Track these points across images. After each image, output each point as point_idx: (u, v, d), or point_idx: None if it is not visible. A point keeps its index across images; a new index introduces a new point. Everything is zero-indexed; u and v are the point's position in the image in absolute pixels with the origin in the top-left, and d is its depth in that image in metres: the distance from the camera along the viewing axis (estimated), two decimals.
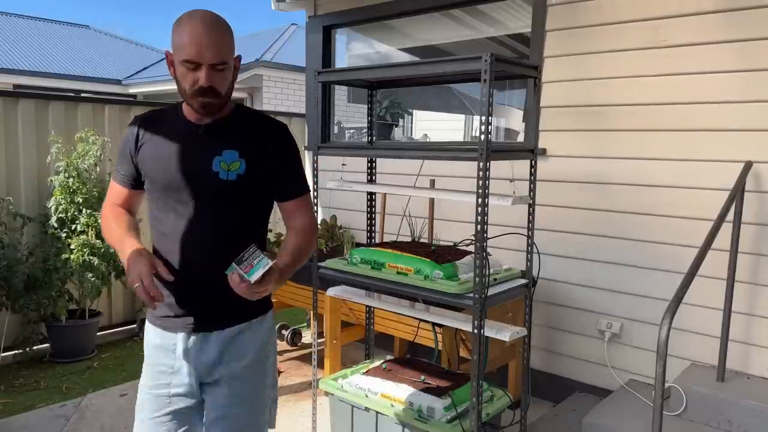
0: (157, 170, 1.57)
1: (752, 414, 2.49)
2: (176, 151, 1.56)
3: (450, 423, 2.28)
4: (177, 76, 1.49)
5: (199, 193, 1.54)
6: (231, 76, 1.52)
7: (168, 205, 1.57)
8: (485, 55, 2.02)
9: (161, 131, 1.59)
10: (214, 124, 1.57)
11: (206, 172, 1.52)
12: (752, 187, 2.71)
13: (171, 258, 1.56)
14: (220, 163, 1.52)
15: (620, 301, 3.16)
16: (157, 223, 1.60)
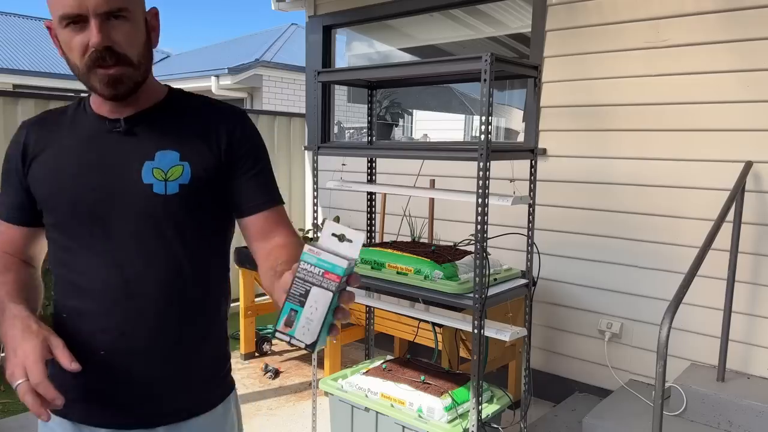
0: (59, 192, 1.07)
1: (753, 414, 2.49)
2: (85, 161, 1.07)
3: (450, 423, 2.28)
4: (63, 50, 1.04)
5: (125, 219, 1.05)
6: (142, 34, 1.05)
7: (78, 243, 1.06)
8: (485, 55, 2.02)
9: (61, 136, 1.11)
10: (140, 115, 1.10)
11: (133, 185, 1.05)
12: (752, 187, 2.71)
13: (85, 324, 1.06)
14: (153, 171, 1.05)
15: (620, 301, 3.16)
16: (63, 272, 1.09)
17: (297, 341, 0.79)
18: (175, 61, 13.56)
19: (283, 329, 0.80)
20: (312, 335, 0.79)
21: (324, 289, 0.78)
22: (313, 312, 0.79)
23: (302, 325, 0.79)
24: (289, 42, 11.55)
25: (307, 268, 0.79)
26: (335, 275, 0.78)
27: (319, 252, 0.79)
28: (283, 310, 0.79)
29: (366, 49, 4.93)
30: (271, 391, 3.53)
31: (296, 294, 0.79)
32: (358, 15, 4.26)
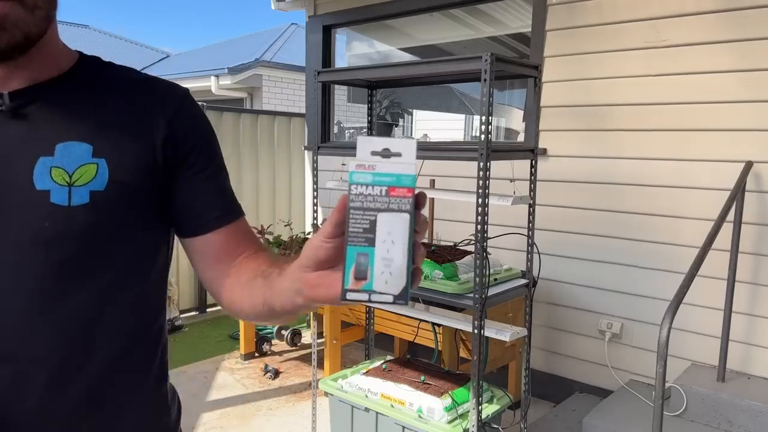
0: None
1: (753, 414, 2.49)
2: None
3: (450, 423, 2.27)
4: None
5: (12, 242, 0.72)
6: None
7: None
8: (485, 55, 2.01)
9: None
10: (35, 89, 0.77)
11: (20, 192, 0.73)
12: (753, 187, 2.71)
13: None
14: (52, 172, 0.74)
15: (621, 301, 3.16)
16: None
17: (380, 296, 0.58)
18: (175, 61, 13.55)
19: (356, 285, 0.58)
20: (398, 280, 0.58)
21: (395, 212, 0.58)
22: (390, 247, 0.58)
23: (381, 271, 0.58)
24: (289, 42, 11.55)
25: (362, 192, 0.58)
26: (405, 188, 0.58)
27: (373, 165, 0.58)
28: (347, 260, 0.58)
29: (366, 48, 4.93)
30: (271, 391, 3.52)
31: (358, 231, 0.58)
32: (358, 15, 4.26)
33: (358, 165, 0.59)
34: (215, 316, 5.11)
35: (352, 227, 0.58)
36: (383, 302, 0.58)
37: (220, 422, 3.12)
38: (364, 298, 0.58)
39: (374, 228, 0.58)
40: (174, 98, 0.84)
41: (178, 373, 3.71)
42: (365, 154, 0.59)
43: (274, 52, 10.66)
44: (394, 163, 0.58)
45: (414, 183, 0.59)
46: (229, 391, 3.53)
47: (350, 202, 0.59)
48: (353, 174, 0.59)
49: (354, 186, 0.59)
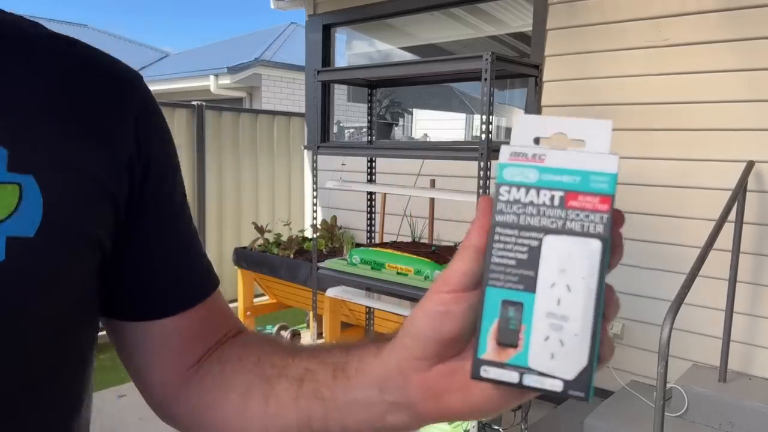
0: None
1: (754, 415, 2.48)
2: None
3: (450, 424, 2.26)
4: None
5: None
6: None
7: None
8: (486, 54, 2.00)
9: None
10: None
11: None
12: (754, 187, 2.70)
13: None
14: None
15: (622, 302, 3.13)
16: None
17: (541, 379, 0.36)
18: (174, 60, 13.54)
19: (498, 355, 0.36)
20: (574, 355, 0.35)
21: (578, 236, 0.36)
22: (564, 296, 0.36)
23: (544, 336, 0.36)
24: (288, 41, 11.53)
25: (519, 199, 0.37)
26: (598, 196, 0.36)
27: (541, 156, 0.37)
28: (486, 312, 0.36)
29: (366, 47, 4.92)
30: None
31: (507, 264, 0.36)
32: (357, 14, 4.25)
33: (514, 154, 0.37)
34: None
35: (498, 257, 0.36)
36: (545, 390, 0.36)
37: None
38: (510, 378, 0.36)
39: (536, 261, 0.36)
40: (133, 89, 0.52)
41: None
42: (524, 140, 0.38)
43: (274, 52, 10.65)
44: (578, 154, 0.36)
45: (614, 188, 0.36)
46: None
47: (496, 215, 0.37)
48: (505, 168, 0.37)
49: (505, 188, 0.37)
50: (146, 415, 1.91)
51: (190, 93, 9.78)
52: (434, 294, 0.38)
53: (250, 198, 5.40)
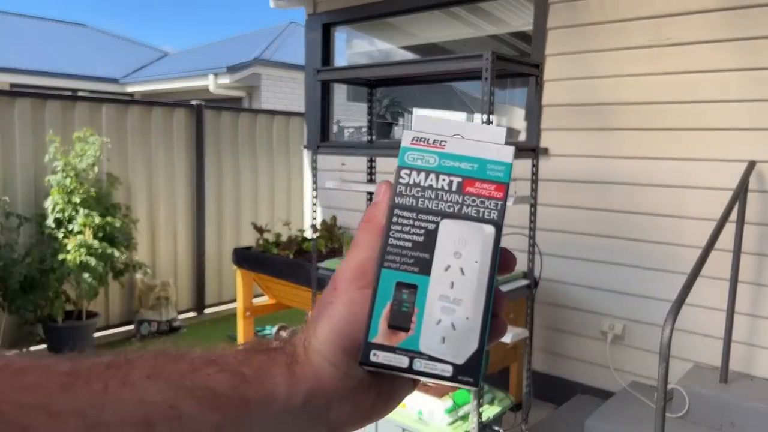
0: None
1: (755, 415, 2.47)
2: None
3: (451, 425, 2.25)
4: None
5: None
6: None
7: None
8: (486, 54, 1.99)
9: None
10: None
11: None
12: (755, 187, 2.69)
13: None
14: None
15: (623, 302, 3.14)
16: None
17: (431, 364, 0.35)
18: (173, 59, 13.52)
19: (389, 339, 0.35)
20: (466, 339, 0.35)
21: (473, 221, 0.36)
22: (458, 280, 0.36)
23: (436, 319, 0.35)
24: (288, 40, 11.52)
25: (418, 182, 0.37)
26: (494, 184, 0.37)
27: (442, 141, 0.37)
28: (379, 294, 0.36)
29: (366, 47, 4.90)
30: None
31: (403, 246, 0.36)
32: (357, 13, 4.24)
33: (416, 139, 0.37)
34: (214, 317, 5.08)
35: (395, 239, 0.36)
36: (433, 376, 0.35)
37: None
38: (399, 363, 0.35)
39: (432, 244, 0.36)
40: None
41: None
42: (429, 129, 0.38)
43: (273, 51, 10.63)
44: (477, 143, 0.37)
45: (509, 177, 0.37)
46: None
47: (395, 197, 0.37)
48: (406, 152, 0.37)
49: (405, 171, 0.37)
50: None
51: (189, 92, 9.77)
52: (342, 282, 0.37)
53: (250, 198, 5.38)
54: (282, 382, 0.35)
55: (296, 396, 0.35)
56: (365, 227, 0.38)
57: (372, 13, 4.15)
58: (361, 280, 0.37)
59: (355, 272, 0.37)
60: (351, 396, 0.37)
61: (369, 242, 0.37)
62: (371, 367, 0.35)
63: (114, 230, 3.93)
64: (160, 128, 4.79)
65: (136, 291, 4.63)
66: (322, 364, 0.36)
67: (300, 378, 0.35)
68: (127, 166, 4.58)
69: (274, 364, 0.35)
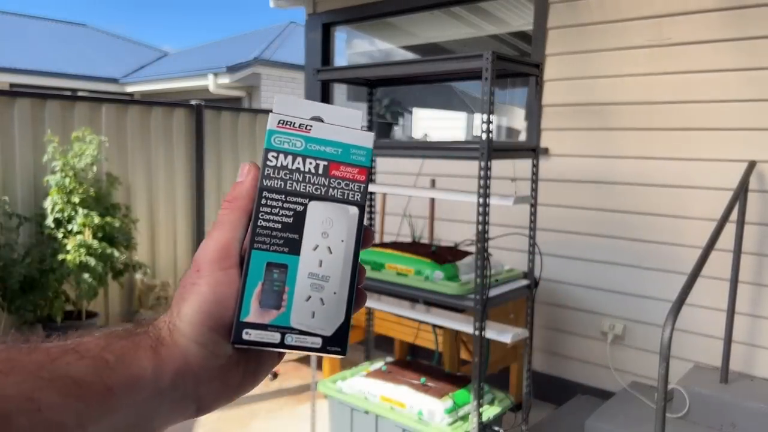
0: None
1: (756, 416, 2.46)
2: None
3: (451, 426, 2.25)
4: None
5: None
6: None
7: None
8: (486, 53, 1.99)
9: None
10: None
11: None
12: (756, 187, 2.69)
13: None
14: None
15: (623, 303, 3.13)
16: None
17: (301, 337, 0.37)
18: (173, 59, 13.52)
19: (261, 317, 0.37)
20: (334, 313, 0.38)
21: (338, 203, 0.39)
22: (326, 258, 0.38)
23: (306, 296, 0.37)
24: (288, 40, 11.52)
25: (285, 165, 0.38)
26: (357, 168, 0.39)
27: (308, 126, 0.39)
28: (250, 275, 0.37)
29: (367, 46, 4.90)
30: (269, 393, 3.50)
31: (273, 227, 0.37)
32: (357, 13, 4.23)
33: (282, 122, 0.38)
34: None
35: (264, 221, 0.37)
36: (304, 349, 0.37)
37: (218, 425, 3.09)
38: (271, 339, 0.37)
39: (301, 225, 0.38)
40: None
41: None
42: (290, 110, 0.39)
43: (273, 51, 10.63)
44: (340, 128, 0.39)
45: (370, 161, 0.39)
46: None
47: (263, 179, 0.38)
48: (273, 135, 0.38)
49: (273, 154, 0.38)
50: None
51: (189, 92, 9.77)
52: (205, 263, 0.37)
53: None
54: (148, 365, 0.35)
55: (164, 378, 0.35)
56: (227, 206, 0.39)
57: (372, 12, 4.15)
58: (224, 261, 0.37)
59: (218, 253, 0.37)
60: (219, 374, 0.37)
61: (232, 222, 0.38)
62: (243, 345, 0.37)
63: (114, 230, 3.93)
64: (159, 128, 4.78)
65: (136, 291, 4.62)
66: (189, 345, 0.36)
67: (166, 360, 0.36)
68: (126, 166, 4.58)
69: (138, 348, 0.35)
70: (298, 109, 0.39)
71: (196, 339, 0.36)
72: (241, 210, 0.38)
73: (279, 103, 0.39)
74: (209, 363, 0.37)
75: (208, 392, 0.38)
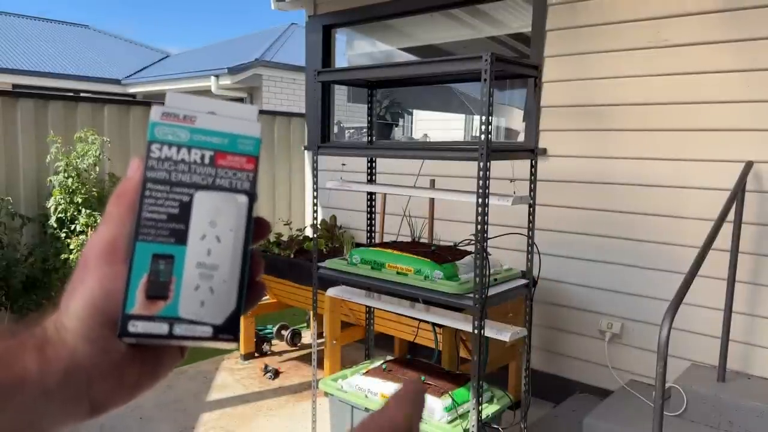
0: None
1: (753, 414, 2.48)
2: None
3: (450, 423, 2.27)
4: None
5: None
6: None
7: None
8: (485, 55, 2.01)
9: None
10: None
11: None
12: (753, 187, 2.71)
13: None
14: None
15: (621, 302, 3.15)
16: None
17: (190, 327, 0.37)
18: (175, 60, 13.55)
19: (147, 308, 0.36)
20: (224, 302, 0.38)
21: (226, 192, 0.38)
22: (214, 247, 0.38)
23: (194, 285, 0.37)
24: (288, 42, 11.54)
25: (170, 156, 0.38)
26: (245, 157, 0.39)
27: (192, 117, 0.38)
28: (135, 266, 0.37)
29: (367, 48, 4.92)
30: (270, 391, 3.52)
31: (158, 218, 0.37)
32: (357, 15, 4.26)
33: (166, 114, 0.38)
34: None
35: (149, 212, 0.37)
36: (194, 338, 0.37)
37: (219, 422, 3.11)
38: (159, 330, 0.36)
39: (187, 215, 0.37)
40: None
41: (178, 373, 3.70)
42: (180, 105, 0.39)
43: (274, 52, 10.65)
44: (226, 119, 0.39)
45: (258, 150, 0.39)
46: (229, 391, 3.53)
47: (147, 171, 0.38)
48: (156, 127, 0.38)
49: (156, 146, 0.38)
50: (146, 415, 1.95)
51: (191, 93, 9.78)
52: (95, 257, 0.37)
53: None
54: (32, 365, 0.34)
55: (51, 377, 0.34)
56: (115, 201, 0.38)
57: (372, 14, 4.17)
58: (111, 255, 0.37)
59: (105, 248, 0.37)
60: (113, 371, 0.37)
61: (118, 217, 0.38)
62: (131, 338, 0.36)
63: None
64: None
65: None
66: (77, 342, 0.36)
67: (53, 359, 0.35)
68: (128, 166, 4.60)
69: (22, 349, 0.34)
70: (191, 104, 0.39)
71: (85, 335, 0.36)
72: (127, 205, 0.38)
73: (170, 99, 0.38)
74: (100, 360, 0.36)
75: (102, 391, 0.37)
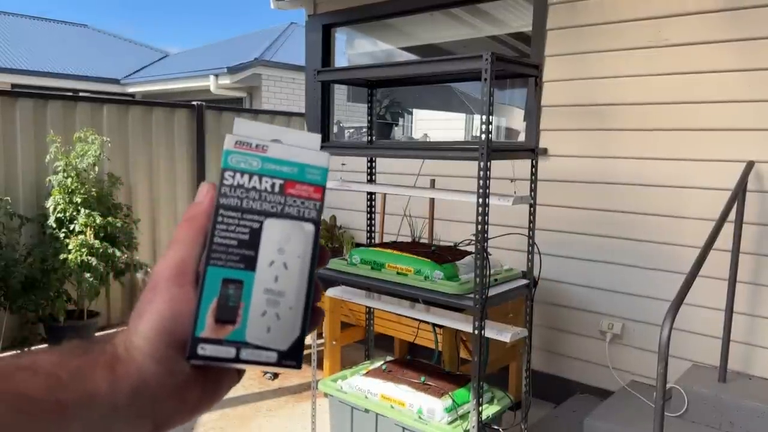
0: None
1: (754, 415, 2.48)
2: None
3: (450, 424, 2.26)
4: None
5: None
6: None
7: None
8: (486, 54, 2.00)
9: None
10: None
11: None
12: (754, 187, 2.70)
13: None
14: None
15: (622, 302, 3.15)
16: None
17: (257, 352, 0.38)
18: (174, 60, 13.54)
19: (216, 332, 0.37)
20: (290, 328, 0.38)
21: (294, 220, 0.40)
22: (282, 274, 0.39)
23: (261, 311, 0.38)
24: (288, 41, 11.53)
25: (242, 184, 0.39)
26: (312, 186, 0.40)
27: (264, 146, 0.40)
28: (206, 290, 0.37)
29: (367, 47, 4.91)
30: (270, 392, 3.51)
31: (229, 244, 0.38)
32: (357, 14, 4.25)
33: (239, 143, 0.39)
34: None
35: (220, 238, 0.38)
36: (261, 363, 0.38)
37: (219, 423, 3.11)
38: (227, 354, 0.37)
39: (257, 242, 0.38)
40: None
41: None
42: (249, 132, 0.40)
43: (274, 52, 10.64)
44: (296, 148, 0.40)
45: (326, 180, 0.40)
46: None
47: (220, 197, 0.39)
48: (230, 155, 0.39)
49: (229, 173, 0.39)
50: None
51: (190, 93, 9.78)
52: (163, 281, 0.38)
53: None
54: (103, 382, 0.35)
55: (120, 395, 0.35)
56: (185, 225, 0.39)
57: (372, 14, 4.16)
58: (181, 278, 0.38)
59: (174, 270, 0.38)
60: (177, 391, 0.38)
61: (189, 240, 0.39)
62: (199, 361, 0.37)
63: (115, 230, 3.95)
64: (161, 129, 4.80)
65: (137, 291, 4.64)
66: (146, 362, 0.36)
67: (123, 377, 0.36)
68: (128, 166, 4.59)
69: (94, 366, 0.35)
70: (258, 132, 0.40)
71: (152, 356, 0.37)
72: (197, 228, 0.39)
73: (238, 126, 0.40)
74: (166, 380, 0.37)
75: (165, 410, 0.38)
